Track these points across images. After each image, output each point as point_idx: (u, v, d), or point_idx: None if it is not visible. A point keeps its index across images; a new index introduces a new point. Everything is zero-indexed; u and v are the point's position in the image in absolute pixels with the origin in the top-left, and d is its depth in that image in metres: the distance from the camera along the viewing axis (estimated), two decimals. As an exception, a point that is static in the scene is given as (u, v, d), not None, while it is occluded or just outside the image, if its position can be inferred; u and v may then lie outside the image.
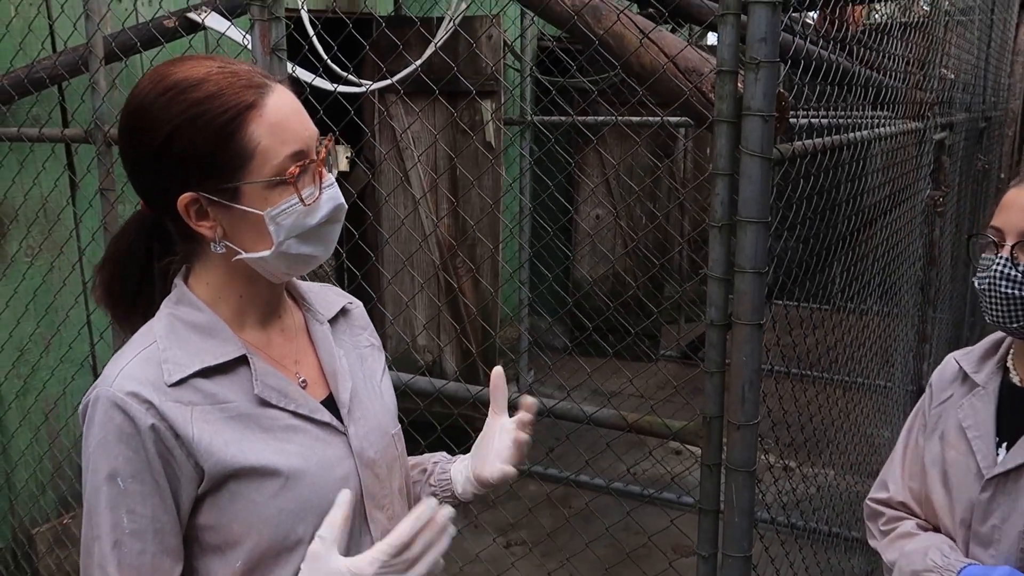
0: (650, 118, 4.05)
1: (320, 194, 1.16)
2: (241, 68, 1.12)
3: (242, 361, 1.16)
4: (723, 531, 1.74)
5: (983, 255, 1.49)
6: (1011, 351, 1.55)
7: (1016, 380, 1.52)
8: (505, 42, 4.87)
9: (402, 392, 2.40)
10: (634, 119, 4.25)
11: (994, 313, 1.45)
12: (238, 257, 1.14)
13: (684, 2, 3.20)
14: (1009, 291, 1.42)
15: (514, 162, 4.68)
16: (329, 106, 2.77)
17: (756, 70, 1.57)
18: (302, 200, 1.12)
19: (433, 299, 4.55)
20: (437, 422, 2.90)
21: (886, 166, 3.22)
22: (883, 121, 2.87)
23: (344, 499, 1.14)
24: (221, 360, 1.14)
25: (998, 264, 1.44)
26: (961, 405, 1.56)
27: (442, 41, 3.41)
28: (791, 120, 1.72)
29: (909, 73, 3.14)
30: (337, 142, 3.36)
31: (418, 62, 3.29)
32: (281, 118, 1.10)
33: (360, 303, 1.41)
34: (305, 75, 3.34)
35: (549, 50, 5.08)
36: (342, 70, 3.54)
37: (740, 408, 1.69)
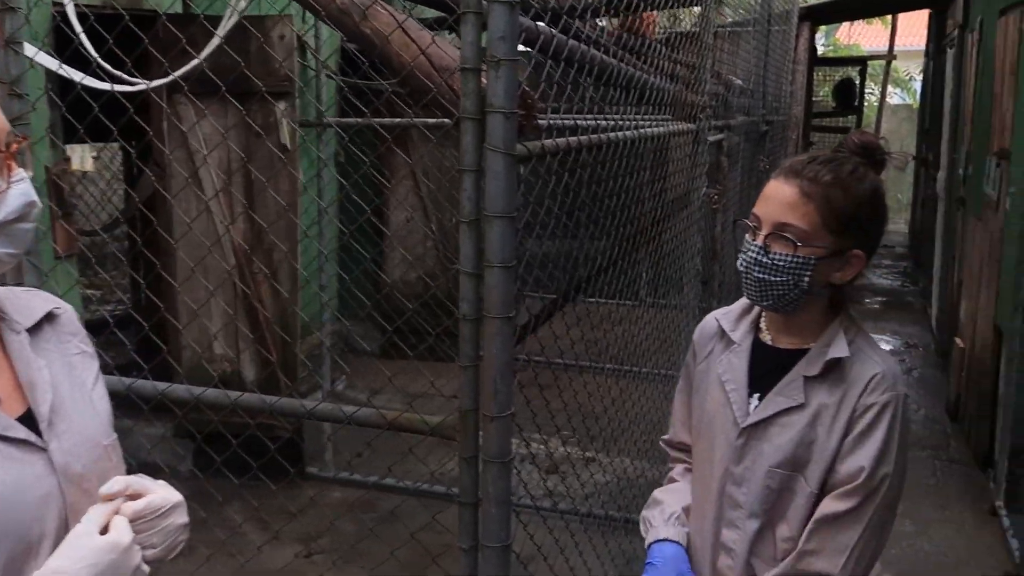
0: (446, 120, 4.06)
1: (8, 188, 1.09)
2: None
3: None
4: (481, 522, 1.76)
5: (746, 237, 1.62)
6: (763, 314, 1.71)
7: (767, 339, 1.68)
8: (303, 42, 4.78)
9: (195, 405, 2.30)
10: (430, 120, 4.25)
11: (750, 292, 1.60)
12: None
13: None
14: (761, 276, 1.56)
15: (312, 165, 4.59)
16: (108, 107, 2.62)
17: (497, 68, 1.60)
18: None
19: (228, 307, 4.38)
20: (234, 433, 2.79)
21: (661, 163, 3.39)
22: (655, 123, 3.01)
23: (115, 487, 1.14)
24: None
25: (752, 251, 1.57)
26: (720, 360, 1.71)
27: (225, 38, 3.28)
28: (539, 119, 1.76)
29: (680, 77, 3.31)
30: (82, 141, 3.16)
31: (196, 60, 3.15)
32: None
33: (70, 307, 1.32)
34: (74, 74, 3.14)
35: (348, 51, 5.02)
36: (118, 68, 3.35)
37: (493, 400, 1.71)
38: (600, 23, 4.13)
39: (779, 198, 1.55)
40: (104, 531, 1.12)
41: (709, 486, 1.68)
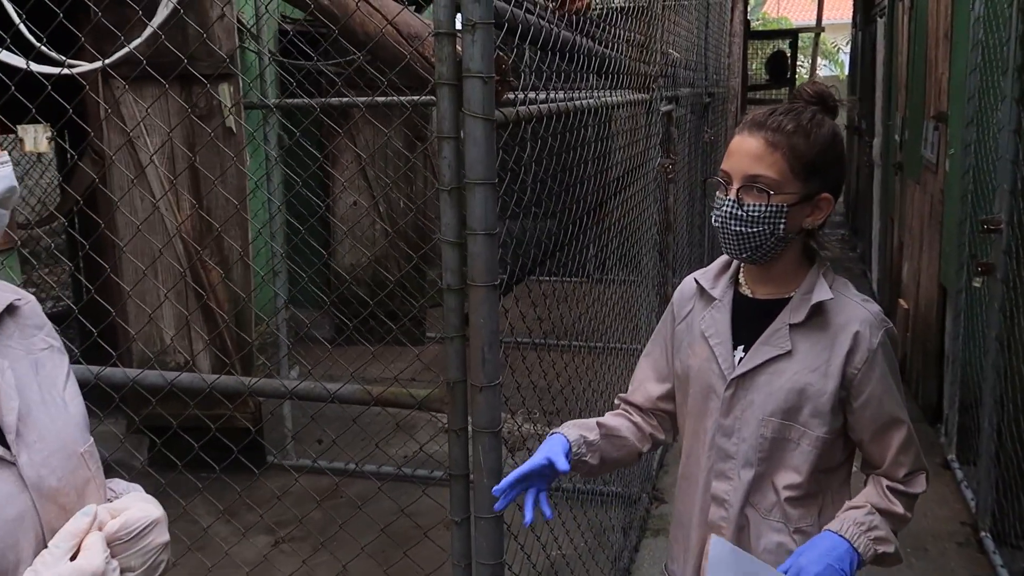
0: (399, 98, 3.99)
1: None
2: None
3: None
4: (474, 494, 1.75)
5: (717, 194, 1.64)
6: (741, 267, 1.73)
7: (747, 292, 1.70)
8: (241, 23, 4.65)
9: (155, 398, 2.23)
10: (380, 100, 4.18)
11: (728, 247, 1.62)
12: None
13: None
14: (737, 228, 1.58)
15: (258, 149, 4.48)
16: (55, 92, 2.49)
17: (472, 31, 1.58)
18: None
19: (179, 298, 4.27)
20: (191, 427, 2.71)
21: (618, 133, 3.39)
22: (613, 93, 3.01)
23: (83, 521, 1.04)
24: None
25: (727, 205, 1.59)
26: (703, 317, 1.73)
27: (162, 20, 3.18)
28: (512, 84, 1.74)
29: (633, 47, 3.31)
30: (35, 121, 3.04)
31: (133, 44, 3.05)
32: None
33: (32, 299, 1.20)
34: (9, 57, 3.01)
35: (291, 33, 4.91)
36: (53, 49, 3.22)
37: (481, 370, 1.70)
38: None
39: (746, 151, 1.57)
40: (75, 555, 1.03)
41: (699, 439, 1.70)
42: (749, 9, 19.71)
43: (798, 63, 15.27)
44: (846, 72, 15.13)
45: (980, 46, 3.91)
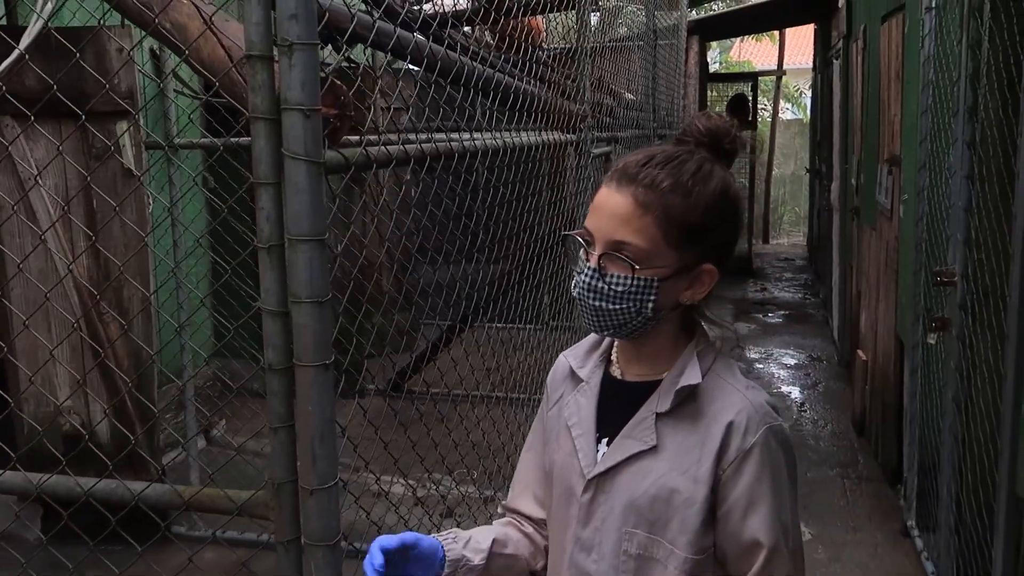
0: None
1: None
2: None
3: None
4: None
5: (579, 254, 1.34)
6: (614, 344, 1.43)
7: (616, 373, 1.40)
8: (154, 53, 4.35)
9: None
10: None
11: (586, 321, 1.33)
12: None
13: None
14: (597, 304, 1.28)
15: (163, 190, 4.16)
16: None
17: (290, 54, 1.28)
18: None
19: (76, 353, 3.91)
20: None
21: (540, 176, 3.12)
22: (528, 132, 2.73)
23: None
24: None
25: (586, 274, 1.29)
26: (567, 403, 1.42)
27: (30, 41, 2.87)
28: (355, 118, 1.44)
29: (555, 84, 3.05)
30: None
31: (2, 67, 2.73)
32: None
33: None
34: None
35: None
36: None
37: (312, 468, 1.38)
38: (467, 31, 3.88)
39: (611, 210, 1.27)
40: None
41: (562, 554, 1.38)
42: (717, 52, 19.80)
43: (760, 107, 15.26)
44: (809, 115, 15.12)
45: (931, 86, 3.69)
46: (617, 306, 1.27)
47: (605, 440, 1.35)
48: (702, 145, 1.31)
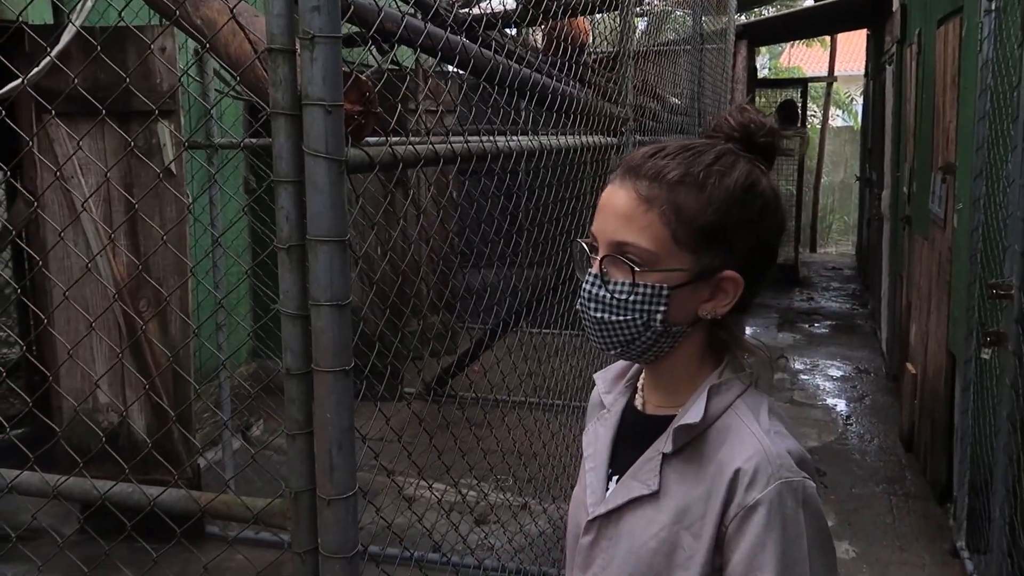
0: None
1: None
2: None
3: None
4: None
5: (584, 263, 1.18)
6: (643, 371, 1.26)
7: (639, 402, 1.24)
8: (202, 55, 4.37)
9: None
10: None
11: (593, 338, 1.15)
12: None
13: None
14: (599, 315, 1.12)
15: (203, 190, 4.17)
16: None
17: (312, 47, 1.24)
18: None
19: (113, 350, 3.93)
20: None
21: (582, 179, 3.06)
22: (566, 135, 2.67)
23: None
24: None
25: (588, 282, 1.14)
26: (587, 431, 1.29)
27: (62, 47, 2.88)
28: (380, 116, 1.39)
29: (596, 86, 2.99)
30: None
31: (22, 79, 2.73)
32: None
33: None
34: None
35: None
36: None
37: (329, 478, 1.33)
38: (512, 32, 3.84)
39: (612, 208, 1.11)
40: None
41: None
42: (765, 58, 19.53)
43: (810, 113, 15.00)
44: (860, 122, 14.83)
45: (989, 91, 3.55)
46: (621, 317, 1.10)
47: (616, 477, 1.20)
48: (733, 141, 1.13)
